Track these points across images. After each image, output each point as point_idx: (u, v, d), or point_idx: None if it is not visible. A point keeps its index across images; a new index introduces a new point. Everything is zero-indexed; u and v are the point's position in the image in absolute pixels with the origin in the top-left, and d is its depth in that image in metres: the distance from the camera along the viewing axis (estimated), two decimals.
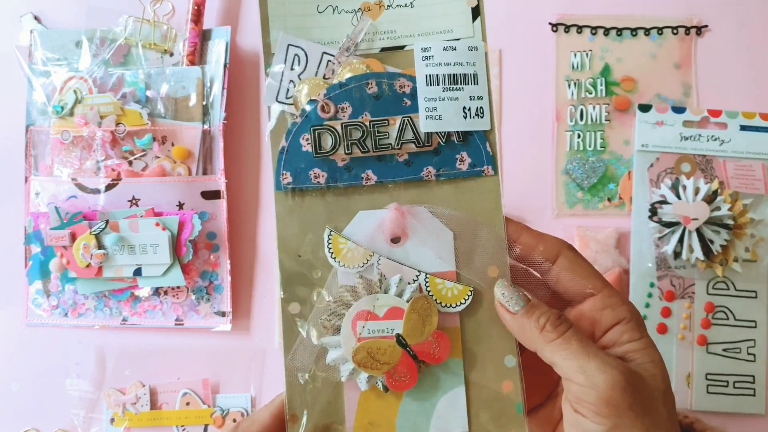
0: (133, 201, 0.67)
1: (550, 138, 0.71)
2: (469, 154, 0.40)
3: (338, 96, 0.39)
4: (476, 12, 0.41)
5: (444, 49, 0.40)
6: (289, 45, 0.40)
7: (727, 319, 0.67)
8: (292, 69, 0.40)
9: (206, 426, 0.69)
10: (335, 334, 0.38)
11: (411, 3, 0.40)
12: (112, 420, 0.69)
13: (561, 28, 0.71)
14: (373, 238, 0.39)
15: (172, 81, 0.69)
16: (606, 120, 0.70)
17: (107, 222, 0.65)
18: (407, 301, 0.38)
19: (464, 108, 0.39)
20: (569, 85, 0.71)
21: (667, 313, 0.67)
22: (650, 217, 0.67)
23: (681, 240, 0.66)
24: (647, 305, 0.67)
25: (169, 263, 0.65)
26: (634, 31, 0.71)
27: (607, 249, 0.68)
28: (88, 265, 0.65)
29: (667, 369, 0.37)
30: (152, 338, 0.70)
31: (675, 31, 0.71)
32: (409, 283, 0.39)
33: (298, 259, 0.39)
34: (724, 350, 0.67)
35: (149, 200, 0.67)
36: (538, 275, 0.39)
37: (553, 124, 0.71)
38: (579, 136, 0.70)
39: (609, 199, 0.70)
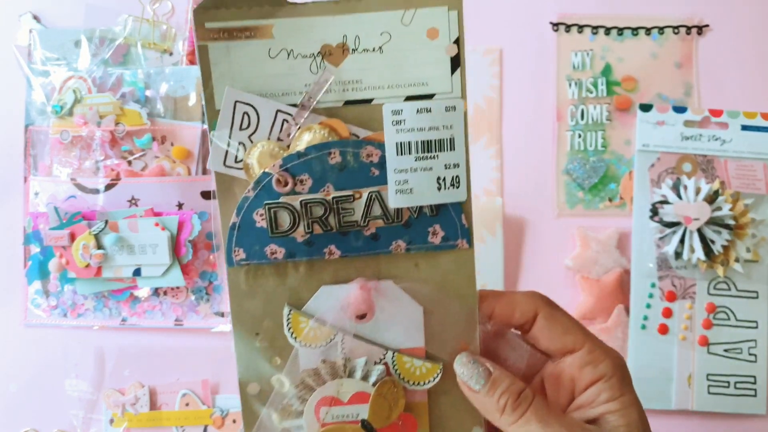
0: (133, 201, 0.67)
1: (551, 138, 0.71)
2: (442, 226, 0.36)
3: (296, 167, 0.34)
4: (456, 62, 0.35)
5: (417, 111, 0.34)
6: (236, 101, 0.34)
7: (728, 319, 0.67)
8: (241, 129, 0.34)
9: (206, 427, 0.69)
10: (297, 418, 0.36)
11: (380, 47, 0.34)
12: (112, 421, 0.69)
13: (562, 28, 0.71)
14: (337, 316, 0.36)
15: (172, 80, 0.68)
16: (607, 120, 0.70)
17: (106, 222, 0.65)
18: (373, 385, 0.36)
19: (438, 178, 0.35)
20: (570, 85, 0.71)
21: (668, 313, 0.67)
22: (651, 217, 0.67)
23: (682, 240, 0.66)
24: (648, 306, 0.67)
25: (169, 263, 0.65)
26: (635, 31, 0.71)
27: (608, 249, 0.68)
28: (88, 266, 0.65)
29: (647, 427, 0.35)
30: (151, 339, 0.70)
31: (676, 30, 0.71)
32: (375, 363, 0.36)
33: (255, 337, 0.36)
34: (725, 351, 0.67)
35: (148, 200, 0.67)
36: (515, 334, 0.38)
37: (553, 123, 0.71)
38: (580, 136, 0.70)
39: (610, 199, 0.70)
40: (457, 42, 0.35)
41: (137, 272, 0.65)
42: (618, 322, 0.67)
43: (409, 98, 0.35)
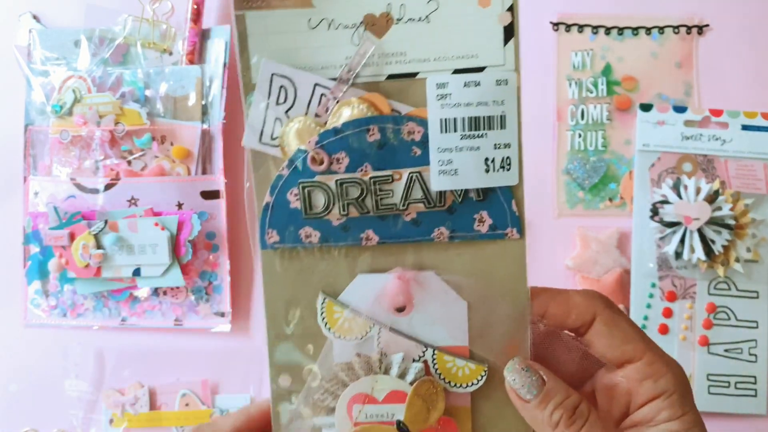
0: (132, 201, 0.67)
1: (551, 137, 0.71)
2: (490, 213, 0.33)
3: (332, 144, 0.32)
4: (509, 32, 0.32)
5: (465, 84, 0.32)
6: (273, 74, 0.32)
7: (729, 319, 0.67)
8: (277, 104, 0.32)
9: None
10: (329, 415, 0.34)
11: (426, 17, 0.31)
12: (111, 421, 0.69)
13: (562, 28, 0.71)
14: (373, 307, 0.33)
15: (171, 80, 0.68)
16: (607, 119, 0.70)
17: (106, 222, 0.65)
18: (411, 384, 0.33)
19: (487, 159, 0.33)
20: (570, 85, 0.70)
21: (668, 313, 0.67)
22: (651, 217, 0.67)
23: (682, 240, 0.66)
24: (648, 306, 0.67)
25: (168, 263, 0.65)
26: (635, 30, 0.71)
27: (609, 249, 0.68)
28: (87, 265, 0.65)
29: None
30: (151, 339, 0.70)
31: (676, 30, 0.71)
32: (414, 360, 0.33)
33: (287, 327, 0.34)
34: (726, 351, 0.67)
35: (148, 200, 0.67)
36: (569, 335, 0.35)
37: (554, 123, 0.71)
38: (580, 136, 0.70)
39: (610, 199, 0.70)
40: (511, 9, 0.32)
41: (137, 272, 0.65)
42: None
43: (457, 71, 0.32)
